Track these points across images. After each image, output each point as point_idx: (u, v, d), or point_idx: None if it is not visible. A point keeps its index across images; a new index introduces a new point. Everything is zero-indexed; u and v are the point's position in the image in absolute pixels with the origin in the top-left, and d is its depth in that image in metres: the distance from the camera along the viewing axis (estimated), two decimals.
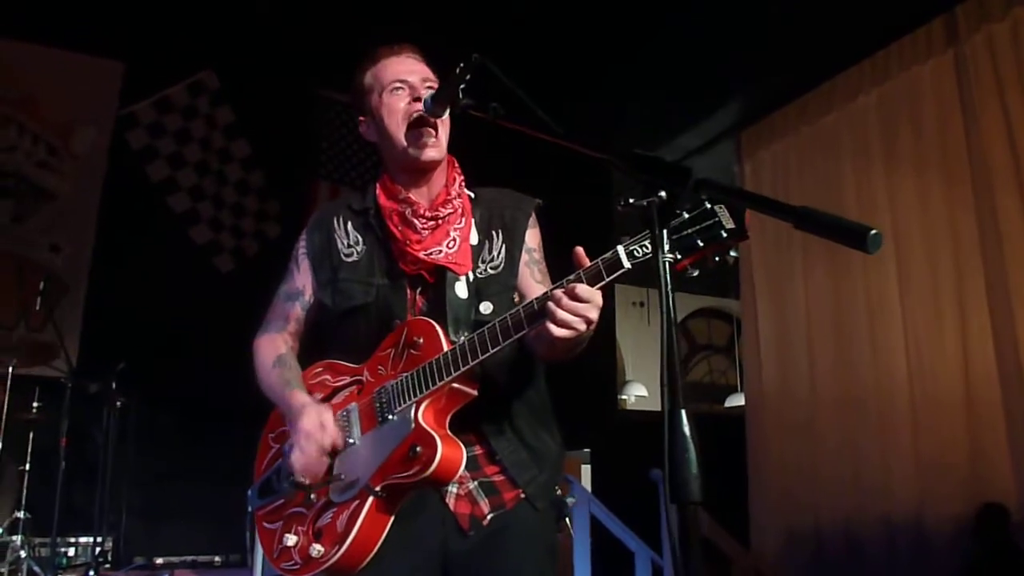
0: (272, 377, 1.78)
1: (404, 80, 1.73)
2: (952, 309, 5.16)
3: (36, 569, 4.70)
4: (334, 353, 1.79)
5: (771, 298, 6.56)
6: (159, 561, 5.54)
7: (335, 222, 1.83)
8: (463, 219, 1.75)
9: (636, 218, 1.22)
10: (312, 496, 1.63)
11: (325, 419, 1.63)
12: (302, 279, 1.86)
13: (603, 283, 1.41)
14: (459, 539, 1.61)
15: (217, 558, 5.62)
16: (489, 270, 1.74)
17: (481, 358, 1.50)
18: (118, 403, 5.27)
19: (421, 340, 1.61)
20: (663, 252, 1.13)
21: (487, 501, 1.64)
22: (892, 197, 5.61)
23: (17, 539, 4.82)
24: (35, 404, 5.20)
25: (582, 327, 1.41)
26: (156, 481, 5.64)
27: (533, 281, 1.80)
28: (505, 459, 1.66)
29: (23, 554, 4.80)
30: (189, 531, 5.53)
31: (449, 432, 1.57)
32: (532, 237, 1.82)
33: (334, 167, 6.95)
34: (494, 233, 1.78)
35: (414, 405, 1.56)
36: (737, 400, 9.37)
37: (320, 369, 1.79)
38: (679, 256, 1.27)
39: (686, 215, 1.30)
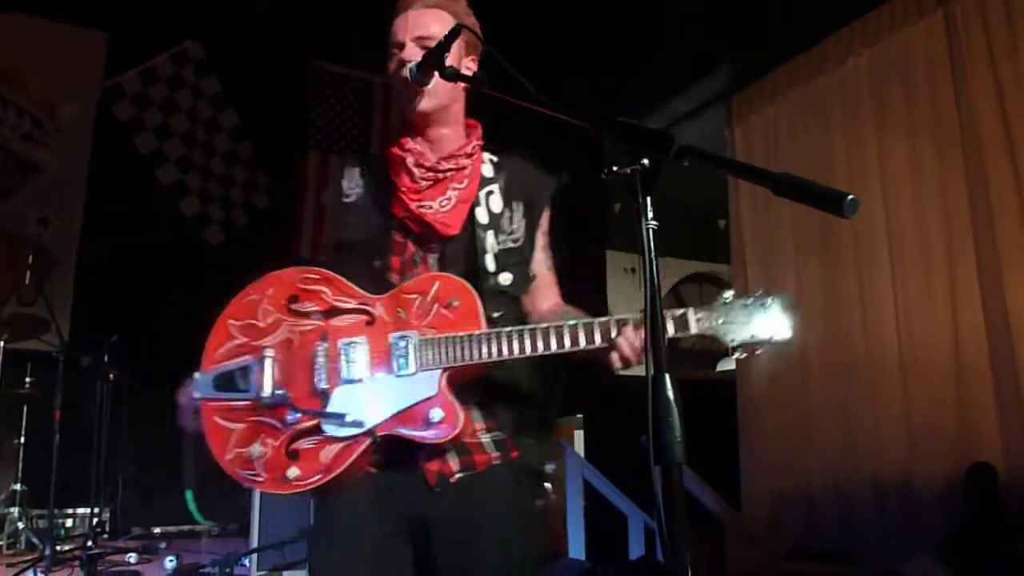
0: None
1: (399, 43, 1.72)
2: (941, 273, 5.19)
3: (34, 540, 4.76)
4: None
5: (761, 263, 6.59)
6: (156, 531, 5.60)
7: (343, 169, 1.84)
8: (467, 181, 1.74)
9: (623, 188, 1.23)
10: (298, 416, 1.58)
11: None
12: None
13: (670, 337, 1.58)
14: (426, 496, 1.61)
15: (215, 527, 5.68)
16: (510, 242, 1.74)
17: (540, 353, 1.55)
18: (111, 376, 5.29)
19: (458, 304, 1.60)
20: (646, 219, 1.14)
21: (457, 460, 1.63)
22: (882, 160, 5.61)
23: (15, 511, 4.87)
24: (28, 379, 5.23)
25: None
26: (151, 452, 5.67)
27: (545, 268, 1.82)
28: (501, 418, 1.67)
29: (21, 525, 4.85)
30: (185, 501, 5.58)
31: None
32: (546, 219, 1.83)
33: (323, 137, 6.91)
34: (515, 204, 1.77)
35: (442, 370, 1.56)
36: (729, 365, 9.43)
37: (317, 277, 1.68)
38: (734, 341, 1.65)
39: (751, 300, 1.63)
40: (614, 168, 1.20)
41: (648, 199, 1.14)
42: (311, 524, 1.73)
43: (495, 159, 1.82)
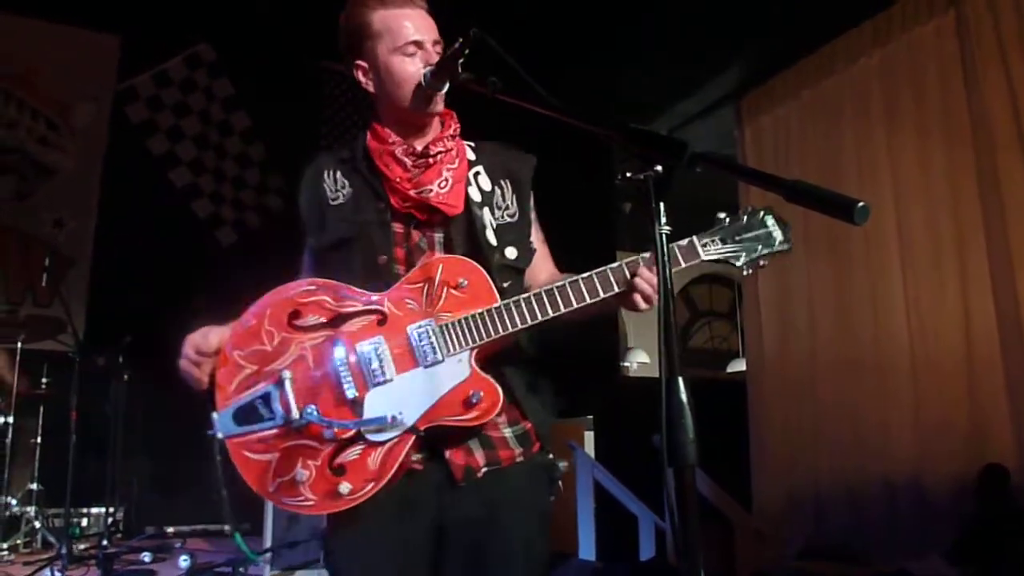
0: None
1: (419, 42, 1.68)
2: (953, 270, 5.18)
3: (51, 539, 4.81)
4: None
5: (771, 263, 6.58)
6: (170, 530, 5.66)
7: (325, 174, 1.80)
8: (457, 161, 1.74)
9: (634, 190, 1.25)
10: (334, 431, 1.54)
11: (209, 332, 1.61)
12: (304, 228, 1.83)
13: (679, 269, 1.58)
14: (450, 490, 1.60)
15: (227, 527, 5.73)
16: (507, 217, 1.75)
17: (563, 311, 1.56)
18: (125, 376, 5.34)
19: (466, 282, 1.58)
20: (659, 224, 1.16)
21: (483, 454, 1.62)
22: (893, 160, 5.60)
23: (31, 510, 4.92)
24: (44, 379, 5.29)
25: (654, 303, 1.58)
26: (165, 452, 5.72)
27: (539, 241, 1.83)
28: (524, 403, 1.66)
29: (38, 524, 4.91)
30: (198, 501, 5.62)
31: None
32: (531, 200, 1.83)
33: (335, 138, 6.95)
34: (503, 183, 1.78)
35: (471, 351, 1.56)
36: (739, 366, 9.43)
37: (314, 288, 1.64)
38: (746, 263, 1.68)
39: (745, 219, 1.65)
40: (628, 174, 1.22)
41: (662, 205, 1.16)
42: (327, 526, 1.68)
43: (472, 145, 1.83)
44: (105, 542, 4.67)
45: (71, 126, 6.33)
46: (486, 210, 1.72)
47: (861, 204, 0.99)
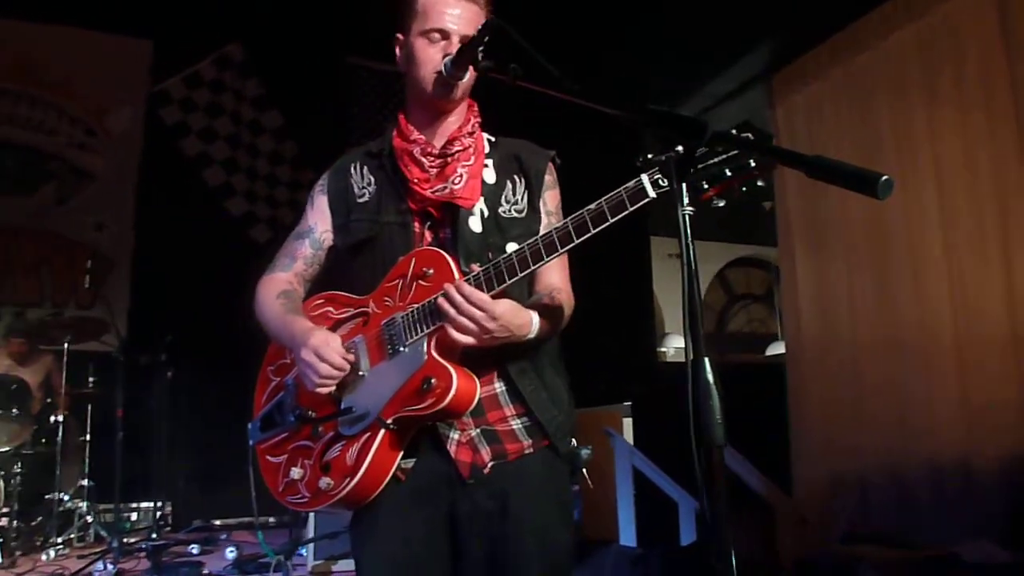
0: (275, 307, 1.75)
1: (444, 31, 1.68)
2: (996, 245, 5.05)
3: (103, 533, 4.94)
4: (340, 288, 1.79)
5: (809, 243, 6.49)
6: (216, 523, 5.77)
7: (352, 168, 1.84)
8: (473, 157, 1.75)
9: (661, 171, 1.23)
10: (320, 429, 1.62)
11: (332, 339, 1.61)
12: (314, 217, 1.87)
13: (626, 213, 1.39)
14: (461, 489, 1.60)
15: (271, 519, 5.83)
16: (514, 212, 1.74)
17: (497, 289, 1.50)
18: (168, 374, 5.45)
19: (431, 271, 1.58)
20: (682, 206, 1.14)
21: (488, 449, 1.61)
22: (932, 135, 5.47)
23: (83, 505, 5.06)
24: (91, 379, 5.42)
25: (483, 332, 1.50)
26: (209, 447, 5.83)
27: None
28: (528, 397, 1.64)
29: (90, 519, 5.05)
30: (243, 493, 5.71)
31: (461, 364, 1.55)
32: (552, 198, 1.80)
33: (365, 133, 7.00)
34: (516, 177, 1.77)
35: (426, 337, 1.54)
36: (778, 348, 9.33)
37: (321, 301, 1.77)
38: (706, 186, 1.24)
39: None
40: (649, 155, 1.21)
41: (684, 185, 1.15)
42: (351, 525, 1.72)
43: (492, 139, 1.83)
44: (155, 535, 4.78)
45: (108, 131, 6.45)
46: (491, 203, 1.73)
47: (885, 178, 0.96)
